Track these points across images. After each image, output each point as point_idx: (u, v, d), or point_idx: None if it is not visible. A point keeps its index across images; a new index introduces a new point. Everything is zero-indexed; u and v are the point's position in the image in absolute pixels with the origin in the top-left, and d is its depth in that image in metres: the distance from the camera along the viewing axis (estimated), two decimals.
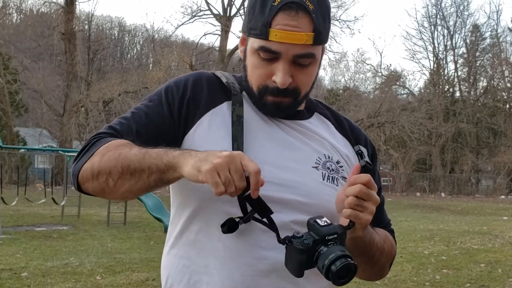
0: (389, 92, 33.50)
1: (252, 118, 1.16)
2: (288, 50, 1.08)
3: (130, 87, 28.03)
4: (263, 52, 1.09)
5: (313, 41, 1.08)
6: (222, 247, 1.09)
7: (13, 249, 7.75)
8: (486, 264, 7.62)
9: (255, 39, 1.10)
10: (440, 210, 19.59)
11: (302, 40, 1.07)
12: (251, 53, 1.13)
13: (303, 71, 1.12)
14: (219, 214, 1.09)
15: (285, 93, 1.12)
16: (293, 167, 1.11)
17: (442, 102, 34.34)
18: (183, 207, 1.15)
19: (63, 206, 12.42)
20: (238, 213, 1.07)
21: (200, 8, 30.33)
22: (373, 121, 28.73)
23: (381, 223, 1.28)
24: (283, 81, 1.09)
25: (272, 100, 1.13)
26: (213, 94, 1.18)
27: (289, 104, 1.14)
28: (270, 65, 1.10)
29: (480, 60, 37.60)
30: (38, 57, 34.15)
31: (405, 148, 32.57)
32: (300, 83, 1.13)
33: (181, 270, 1.14)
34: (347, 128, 1.26)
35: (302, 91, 1.14)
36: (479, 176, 35.01)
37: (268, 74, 1.11)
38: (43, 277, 5.99)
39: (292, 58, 1.09)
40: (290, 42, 1.07)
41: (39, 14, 33.04)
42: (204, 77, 1.21)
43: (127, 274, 6.30)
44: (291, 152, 1.12)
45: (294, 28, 1.06)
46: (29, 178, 21.60)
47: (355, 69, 35.07)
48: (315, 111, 1.25)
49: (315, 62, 1.13)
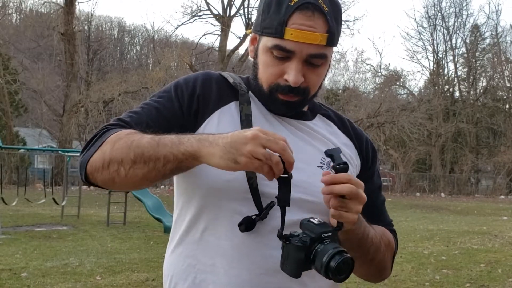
0: (389, 92, 33.51)
1: (259, 117, 1.18)
2: (303, 49, 1.09)
3: (130, 87, 28.04)
4: (277, 51, 1.11)
5: (326, 42, 1.10)
6: (229, 246, 1.09)
7: (13, 249, 7.76)
8: (486, 264, 7.63)
9: (269, 37, 1.12)
10: (440, 210, 19.59)
11: (317, 40, 1.09)
12: (264, 52, 1.14)
13: (315, 71, 1.13)
14: (225, 212, 1.09)
15: (296, 92, 1.13)
16: (300, 167, 1.10)
17: (442, 102, 34.32)
18: (188, 206, 1.15)
19: (63, 206, 12.42)
20: (244, 209, 1.08)
21: (200, 8, 30.35)
22: (373, 121, 28.72)
23: (381, 222, 1.27)
24: (296, 80, 1.11)
25: (283, 98, 1.14)
26: (222, 93, 1.19)
27: (298, 103, 1.16)
28: (282, 64, 1.12)
29: (479, 60, 37.63)
30: (37, 57, 34.14)
31: (404, 148, 32.56)
32: (311, 83, 1.14)
33: (186, 269, 1.14)
34: (349, 128, 1.28)
35: (312, 91, 1.16)
36: (478, 176, 35.01)
37: (280, 73, 1.13)
38: (43, 277, 5.99)
39: (306, 57, 1.11)
40: (305, 42, 1.08)
41: (38, 14, 33.04)
42: (213, 76, 1.22)
43: (126, 274, 6.30)
44: (296, 152, 1.12)
45: (310, 28, 1.08)
46: (29, 178, 21.61)
47: (355, 69, 35.10)
48: (318, 112, 1.27)
49: (326, 63, 1.15)
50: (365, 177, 1.21)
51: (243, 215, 1.08)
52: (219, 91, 1.19)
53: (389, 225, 1.30)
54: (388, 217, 1.33)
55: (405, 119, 28.88)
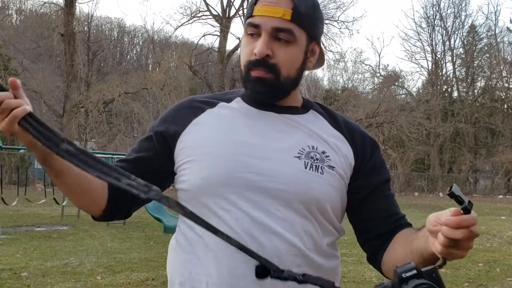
0: (388, 92, 33.53)
1: (239, 115, 1.24)
2: (268, 22, 1.17)
3: (130, 88, 28.04)
4: (249, 28, 1.20)
5: (291, 17, 1.17)
6: (224, 244, 1.10)
7: (13, 249, 7.77)
8: (484, 264, 7.66)
9: (246, 20, 1.21)
10: (439, 210, 19.54)
11: (280, 13, 1.16)
12: (243, 36, 1.23)
13: (283, 47, 1.18)
14: (206, 209, 1.16)
15: (264, 65, 1.18)
16: (275, 157, 1.17)
17: (440, 102, 34.33)
18: (188, 205, 1.20)
19: (63, 206, 12.44)
20: (223, 203, 1.15)
21: (200, 9, 30.33)
22: (372, 121, 28.73)
23: (393, 215, 1.29)
24: (260, 49, 1.17)
25: (254, 75, 1.19)
26: (192, 109, 1.27)
27: (271, 81, 1.19)
28: (254, 42, 1.19)
29: (478, 60, 37.66)
30: (37, 58, 34.14)
31: (403, 148, 32.56)
32: (280, 60, 1.18)
33: (183, 264, 1.20)
34: (341, 123, 1.29)
35: (283, 71, 1.19)
36: (477, 176, 35.01)
37: (252, 50, 1.19)
38: (43, 277, 6.01)
39: (271, 30, 1.17)
40: (268, 15, 1.16)
41: (38, 15, 32.98)
42: (182, 102, 1.32)
43: (126, 274, 6.32)
44: (273, 143, 1.19)
45: (274, 3, 1.17)
46: (29, 178, 21.60)
47: (353, 69, 35.12)
48: (311, 108, 1.30)
49: (296, 44, 1.20)
50: (365, 171, 1.25)
51: (223, 209, 1.14)
52: (187, 110, 1.27)
53: (401, 219, 1.31)
54: (399, 211, 1.33)
55: (404, 119, 28.88)
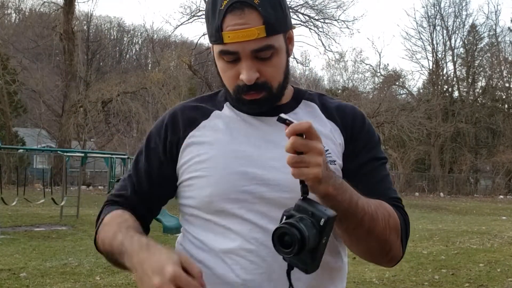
0: (388, 92, 33.53)
1: (234, 125, 1.20)
2: (245, 47, 1.10)
3: (129, 88, 28.04)
4: (224, 56, 1.14)
5: (266, 33, 1.10)
6: (218, 246, 1.17)
7: (12, 249, 7.75)
8: (485, 264, 7.64)
9: (215, 45, 1.15)
10: (439, 210, 19.60)
11: (254, 35, 1.09)
12: (217, 59, 1.17)
13: (268, 63, 1.14)
14: (200, 220, 1.19)
15: (256, 88, 1.14)
16: (276, 165, 1.13)
17: (441, 102, 34.34)
18: (195, 220, 1.24)
19: (62, 206, 12.41)
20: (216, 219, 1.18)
21: (199, 8, 30.28)
22: (372, 121, 28.61)
23: (382, 196, 1.16)
24: (248, 77, 1.12)
25: (247, 98, 1.16)
26: (188, 121, 1.23)
27: (265, 98, 1.16)
28: (235, 66, 1.14)
29: (478, 60, 37.67)
30: (37, 57, 34.13)
31: (404, 148, 32.57)
32: (269, 76, 1.15)
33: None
34: (332, 109, 1.25)
35: (274, 83, 1.16)
36: (477, 176, 35.01)
37: (236, 75, 1.14)
38: (42, 277, 5.99)
39: (251, 54, 1.11)
40: (242, 40, 1.10)
41: (38, 14, 33.00)
42: (176, 110, 1.28)
43: (126, 274, 6.29)
44: (272, 151, 1.15)
45: (243, 25, 1.09)
46: (28, 178, 21.57)
47: (353, 69, 35.11)
48: (302, 98, 1.26)
49: (278, 52, 1.14)
50: (356, 149, 1.21)
51: (232, 223, 1.15)
52: (182, 121, 1.24)
53: (391, 200, 1.18)
54: (393, 193, 1.21)
55: (404, 119, 28.89)
